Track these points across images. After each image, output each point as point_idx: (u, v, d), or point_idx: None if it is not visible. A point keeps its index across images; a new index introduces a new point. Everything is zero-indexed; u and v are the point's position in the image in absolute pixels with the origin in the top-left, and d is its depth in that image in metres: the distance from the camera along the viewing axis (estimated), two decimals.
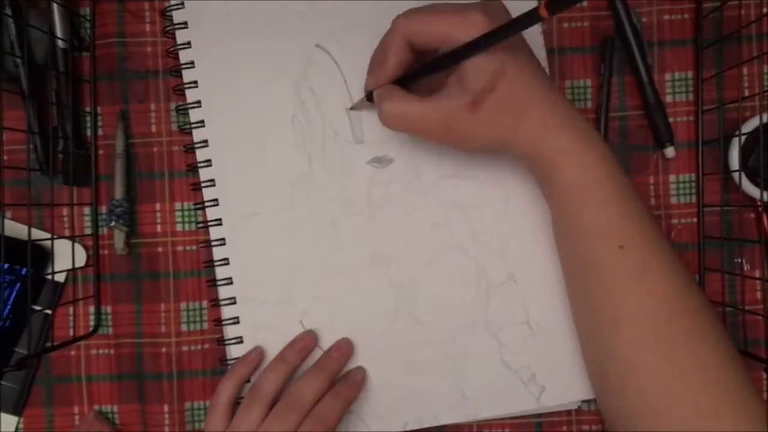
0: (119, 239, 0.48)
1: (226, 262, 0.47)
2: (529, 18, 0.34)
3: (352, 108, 0.47)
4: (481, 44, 0.36)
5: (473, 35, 0.36)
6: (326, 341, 0.47)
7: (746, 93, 0.49)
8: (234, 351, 0.47)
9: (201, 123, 0.47)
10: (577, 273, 0.42)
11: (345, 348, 0.46)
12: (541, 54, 0.47)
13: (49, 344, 0.48)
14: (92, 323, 0.49)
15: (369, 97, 0.43)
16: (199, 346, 0.49)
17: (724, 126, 0.47)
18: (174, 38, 0.47)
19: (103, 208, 0.49)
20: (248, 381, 0.46)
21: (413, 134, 0.41)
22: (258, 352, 0.46)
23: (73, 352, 0.49)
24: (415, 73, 0.41)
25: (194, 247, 0.49)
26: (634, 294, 0.38)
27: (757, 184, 0.46)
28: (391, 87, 0.41)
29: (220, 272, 0.47)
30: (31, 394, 0.49)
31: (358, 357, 0.47)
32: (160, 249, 0.49)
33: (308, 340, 0.46)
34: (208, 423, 0.44)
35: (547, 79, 0.40)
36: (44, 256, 0.48)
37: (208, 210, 0.47)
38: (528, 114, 0.39)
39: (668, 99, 0.49)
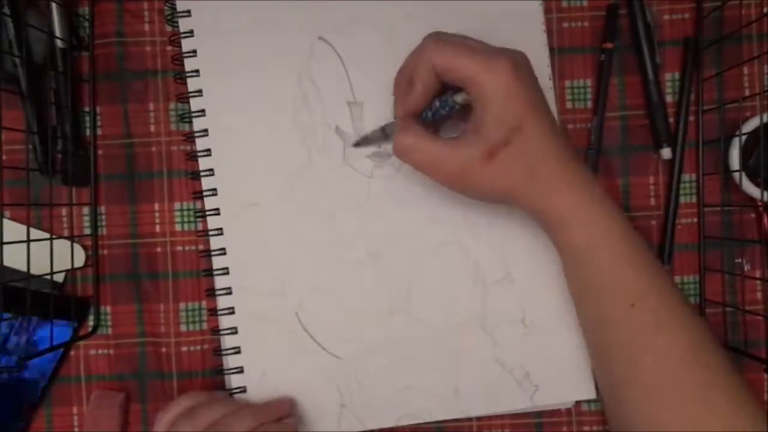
0: None
1: (222, 251, 0.47)
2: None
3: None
4: None
5: (499, 82, 0.37)
6: (321, 335, 0.47)
7: (747, 93, 0.48)
8: (228, 341, 0.47)
9: (202, 112, 0.47)
10: (592, 326, 0.42)
11: (289, 404, 0.46)
12: (544, 53, 0.47)
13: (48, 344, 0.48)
14: (92, 323, 0.49)
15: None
16: (198, 347, 0.49)
17: (724, 126, 0.47)
18: (177, 27, 0.47)
19: (103, 208, 0.49)
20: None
21: (422, 172, 0.41)
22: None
23: (72, 352, 0.49)
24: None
25: (193, 248, 0.49)
26: (648, 350, 0.38)
27: (757, 184, 0.46)
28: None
29: (217, 262, 0.47)
30: None
31: (352, 351, 0.47)
32: (158, 249, 0.49)
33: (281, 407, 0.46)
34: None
35: (561, 136, 0.40)
36: (86, 307, 0.49)
37: (206, 199, 0.47)
38: (539, 171, 0.39)
39: (668, 99, 0.49)
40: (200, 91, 0.47)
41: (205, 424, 0.42)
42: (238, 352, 0.47)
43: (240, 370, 0.47)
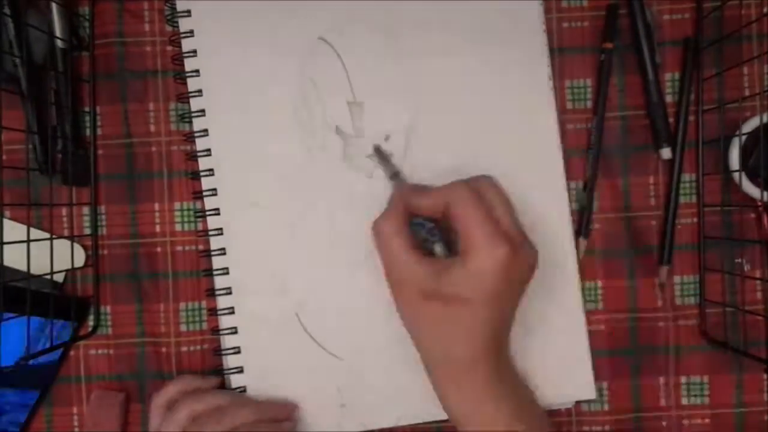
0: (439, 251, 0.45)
1: (222, 251, 0.47)
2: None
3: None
4: None
5: (486, 262, 0.38)
6: (321, 335, 0.47)
7: (746, 93, 0.48)
8: (228, 341, 0.47)
9: (202, 112, 0.47)
10: None
11: (290, 408, 0.46)
12: (544, 53, 0.47)
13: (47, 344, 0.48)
14: (91, 323, 0.49)
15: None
16: (198, 347, 0.49)
17: (724, 126, 0.47)
18: (177, 27, 0.47)
19: (103, 208, 0.49)
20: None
21: (379, 258, 0.42)
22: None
23: (72, 352, 0.49)
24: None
25: (193, 248, 0.49)
26: None
27: (757, 184, 0.46)
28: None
29: (217, 262, 0.47)
30: None
31: (352, 351, 0.47)
32: (158, 249, 0.49)
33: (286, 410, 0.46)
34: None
35: (498, 338, 0.41)
36: (86, 306, 0.49)
37: (206, 199, 0.47)
38: (452, 352, 0.40)
39: (668, 99, 0.49)
40: (200, 91, 0.47)
41: (210, 408, 0.43)
42: (238, 352, 0.47)
43: (240, 370, 0.47)
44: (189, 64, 0.47)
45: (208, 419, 0.42)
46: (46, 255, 0.45)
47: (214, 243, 0.47)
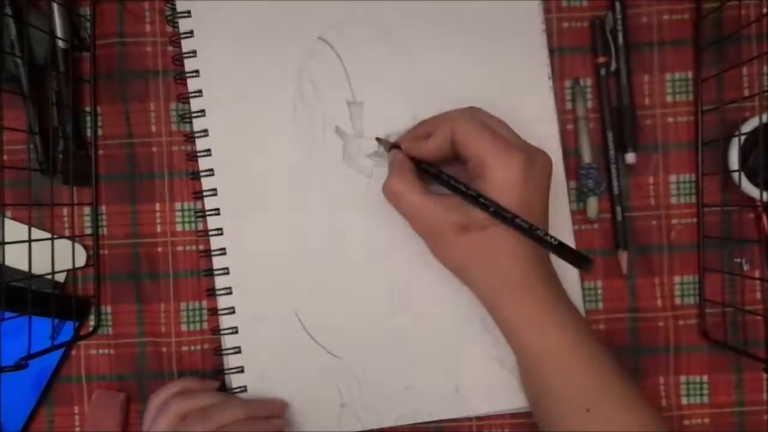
0: (592, 207, 0.48)
1: (223, 251, 0.47)
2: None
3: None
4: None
5: (504, 174, 0.38)
6: (321, 335, 0.47)
7: (746, 93, 0.48)
8: (229, 341, 0.47)
9: (202, 112, 0.47)
10: (549, 429, 0.42)
11: (280, 405, 0.47)
12: (543, 53, 0.47)
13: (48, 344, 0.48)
14: (92, 323, 0.49)
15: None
16: (198, 347, 0.49)
17: (724, 126, 0.47)
18: (177, 28, 0.47)
19: (104, 208, 0.49)
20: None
21: (403, 217, 0.42)
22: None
23: (73, 352, 0.49)
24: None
25: (194, 248, 0.49)
26: None
27: (756, 184, 0.46)
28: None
29: (217, 262, 0.47)
30: None
31: (352, 351, 0.47)
32: (159, 249, 0.49)
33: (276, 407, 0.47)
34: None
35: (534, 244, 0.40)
36: (87, 306, 0.49)
37: (206, 199, 0.47)
38: (502, 269, 0.40)
39: (668, 99, 0.49)
40: (200, 91, 0.47)
41: (198, 407, 0.43)
42: (239, 352, 0.47)
43: (240, 370, 0.47)
44: (189, 65, 0.47)
45: (196, 418, 0.43)
46: (47, 255, 0.45)
47: (215, 243, 0.47)
